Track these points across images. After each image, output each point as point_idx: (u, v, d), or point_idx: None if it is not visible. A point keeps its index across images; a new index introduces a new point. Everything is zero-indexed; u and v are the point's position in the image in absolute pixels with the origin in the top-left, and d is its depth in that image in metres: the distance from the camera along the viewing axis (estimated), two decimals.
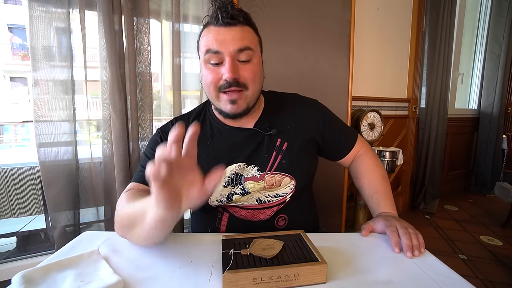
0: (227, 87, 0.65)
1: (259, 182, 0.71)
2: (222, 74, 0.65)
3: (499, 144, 2.83)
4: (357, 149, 0.84)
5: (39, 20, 1.06)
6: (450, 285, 0.50)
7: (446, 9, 2.31)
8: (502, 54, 2.75)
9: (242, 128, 0.74)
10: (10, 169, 1.21)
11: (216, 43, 0.64)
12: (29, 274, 0.47)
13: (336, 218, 1.71)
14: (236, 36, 0.64)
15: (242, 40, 0.64)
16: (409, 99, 2.31)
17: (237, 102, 0.67)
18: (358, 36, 1.79)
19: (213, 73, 0.66)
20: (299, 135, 0.76)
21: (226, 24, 0.64)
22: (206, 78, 0.67)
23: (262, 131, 0.74)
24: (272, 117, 0.77)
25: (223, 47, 0.64)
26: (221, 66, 0.65)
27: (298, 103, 0.81)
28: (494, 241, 1.89)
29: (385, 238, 0.66)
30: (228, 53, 0.64)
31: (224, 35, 0.64)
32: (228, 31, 0.64)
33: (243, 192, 0.71)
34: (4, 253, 1.29)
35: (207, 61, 0.66)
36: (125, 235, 0.60)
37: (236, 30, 0.64)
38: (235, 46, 0.64)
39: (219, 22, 0.64)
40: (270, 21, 1.40)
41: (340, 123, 0.85)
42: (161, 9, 1.31)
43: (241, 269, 0.46)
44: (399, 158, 1.77)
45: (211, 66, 0.66)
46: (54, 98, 1.12)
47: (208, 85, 0.67)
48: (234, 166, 0.71)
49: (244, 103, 0.68)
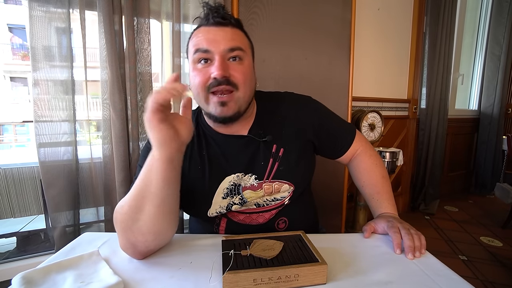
0: (216, 85, 0.61)
1: (257, 191, 0.70)
2: (211, 73, 0.61)
3: (499, 145, 2.83)
4: (356, 147, 0.81)
5: (39, 20, 1.06)
6: (450, 285, 0.50)
7: (446, 10, 2.31)
8: (502, 55, 2.75)
9: (236, 136, 0.71)
10: (10, 169, 1.20)
11: (206, 42, 0.61)
12: (29, 275, 0.47)
13: (336, 218, 1.71)
14: (226, 36, 0.62)
15: (233, 40, 0.62)
16: (409, 100, 2.31)
17: (227, 104, 0.62)
18: (359, 37, 1.79)
19: (201, 73, 0.62)
20: (294, 139, 0.73)
21: (217, 24, 0.62)
22: (194, 79, 0.63)
23: (257, 138, 0.70)
24: (265, 122, 0.73)
25: (213, 45, 0.61)
26: (210, 65, 0.62)
27: (292, 104, 0.77)
28: (494, 242, 1.89)
29: (385, 239, 0.66)
30: (218, 52, 0.61)
31: (215, 35, 0.62)
32: (218, 31, 0.62)
33: (242, 202, 0.70)
34: (4, 254, 1.28)
35: (196, 61, 0.63)
36: (130, 227, 0.53)
37: (226, 30, 0.63)
38: (226, 45, 0.61)
39: (210, 21, 0.63)
40: (270, 21, 1.40)
41: (336, 120, 0.82)
42: (161, 9, 1.31)
43: (241, 270, 0.46)
44: (399, 159, 1.77)
45: (200, 66, 0.63)
46: (54, 98, 1.11)
47: (197, 87, 0.63)
48: (232, 176, 0.69)
49: (235, 106, 0.63)
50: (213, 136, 0.72)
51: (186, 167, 0.68)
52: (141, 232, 0.53)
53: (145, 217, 0.52)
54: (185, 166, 0.67)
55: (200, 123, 0.74)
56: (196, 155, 0.69)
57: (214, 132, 0.71)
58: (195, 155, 0.70)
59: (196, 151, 0.70)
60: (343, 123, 0.83)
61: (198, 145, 0.71)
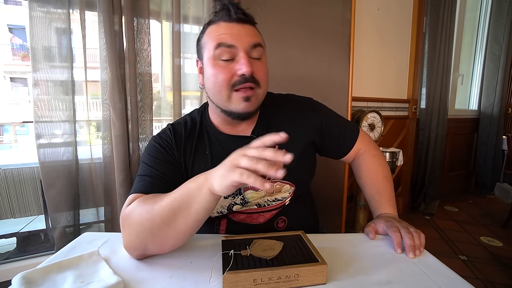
0: (243, 82, 0.61)
1: (259, 192, 0.70)
2: (236, 70, 0.60)
3: (499, 145, 2.83)
4: (359, 146, 0.81)
5: (39, 21, 1.06)
6: (450, 286, 0.50)
7: (446, 10, 2.31)
8: (502, 55, 2.75)
9: (240, 136, 0.71)
10: (10, 169, 1.21)
11: (231, 37, 0.60)
12: (29, 275, 0.47)
13: (336, 218, 1.71)
14: (249, 32, 0.63)
15: (255, 36, 0.63)
16: (409, 100, 2.31)
17: (250, 99, 0.63)
18: (358, 37, 1.79)
19: (225, 70, 0.61)
20: (297, 140, 0.72)
21: (239, 20, 0.62)
22: (216, 76, 0.61)
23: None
24: (268, 123, 0.73)
25: (238, 41, 0.60)
26: (233, 62, 0.61)
27: (294, 106, 0.78)
28: (494, 242, 1.89)
29: (385, 239, 0.66)
30: (243, 47, 0.61)
31: (238, 30, 0.61)
32: (241, 27, 0.62)
33: (243, 202, 0.70)
34: (4, 254, 1.29)
35: (217, 57, 0.61)
36: (154, 234, 0.52)
37: (248, 27, 0.63)
38: (250, 41, 0.61)
39: (232, 17, 0.61)
40: (270, 21, 1.40)
41: (339, 120, 0.81)
42: (161, 9, 1.31)
43: (241, 270, 0.46)
44: (399, 159, 1.77)
45: (222, 62, 0.61)
46: (54, 99, 1.12)
47: (220, 84, 0.61)
48: None
49: (256, 102, 0.65)
50: (216, 135, 0.71)
51: (189, 166, 0.68)
52: (163, 240, 0.53)
53: (174, 231, 0.52)
54: (188, 165, 0.68)
55: (204, 122, 0.73)
56: (199, 154, 0.69)
57: (218, 131, 0.71)
58: (198, 154, 0.69)
59: (199, 150, 0.70)
60: (346, 122, 0.83)
61: (201, 144, 0.70)
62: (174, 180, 0.63)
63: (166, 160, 0.66)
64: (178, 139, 0.69)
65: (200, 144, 0.70)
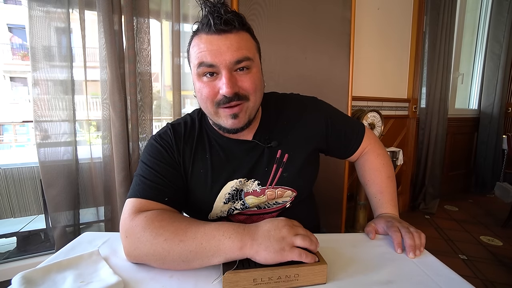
0: (226, 102, 0.58)
1: (260, 197, 0.69)
2: (219, 88, 0.58)
3: (499, 144, 2.83)
4: (364, 145, 0.80)
5: (39, 20, 1.06)
6: (450, 285, 0.50)
7: (446, 9, 2.31)
8: (502, 54, 2.75)
9: (241, 141, 0.69)
10: (10, 169, 1.21)
11: (210, 55, 0.56)
12: (29, 275, 0.47)
13: (336, 218, 1.72)
14: (232, 45, 0.56)
15: (239, 50, 0.57)
16: (409, 99, 2.31)
17: (238, 116, 0.60)
18: (359, 36, 1.79)
19: (209, 87, 0.59)
20: (300, 145, 0.71)
21: (219, 32, 0.56)
22: (201, 92, 0.60)
23: (262, 144, 0.68)
24: (271, 127, 0.71)
25: (218, 59, 0.56)
26: (217, 78, 0.58)
27: (298, 107, 0.74)
28: (494, 241, 1.89)
29: (385, 239, 0.66)
30: (224, 65, 0.56)
31: (218, 45, 0.56)
32: (222, 40, 0.56)
33: (243, 207, 0.69)
34: (4, 253, 1.29)
35: (200, 75, 0.59)
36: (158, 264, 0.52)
37: (231, 38, 0.57)
38: (232, 57, 0.56)
39: (212, 29, 0.56)
40: (270, 20, 1.40)
41: (344, 120, 0.79)
42: (161, 9, 1.31)
43: (241, 270, 0.46)
44: (399, 158, 1.77)
45: (206, 78, 0.59)
46: (54, 98, 1.12)
47: (205, 100, 0.60)
48: (234, 182, 0.67)
49: (245, 116, 0.61)
50: (217, 139, 0.69)
51: (188, 168, 0.67)
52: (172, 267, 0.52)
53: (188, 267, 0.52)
54: (187, 167, 0.66)
55: (204, 125, 0.71)
56: (199, 157, 0.68)
57: (218, 135, 0.69)
58: (198, 157, 0.68)
59: (199, 153, 0.68)
60: (352, 122, 0.81)
61: (201, 146, 0.69)
62: (175, 183, 0.63)
63: (167, 162, 0.64)
64: (178, 140, 0.67)
65: (200, 147, 0.69)
